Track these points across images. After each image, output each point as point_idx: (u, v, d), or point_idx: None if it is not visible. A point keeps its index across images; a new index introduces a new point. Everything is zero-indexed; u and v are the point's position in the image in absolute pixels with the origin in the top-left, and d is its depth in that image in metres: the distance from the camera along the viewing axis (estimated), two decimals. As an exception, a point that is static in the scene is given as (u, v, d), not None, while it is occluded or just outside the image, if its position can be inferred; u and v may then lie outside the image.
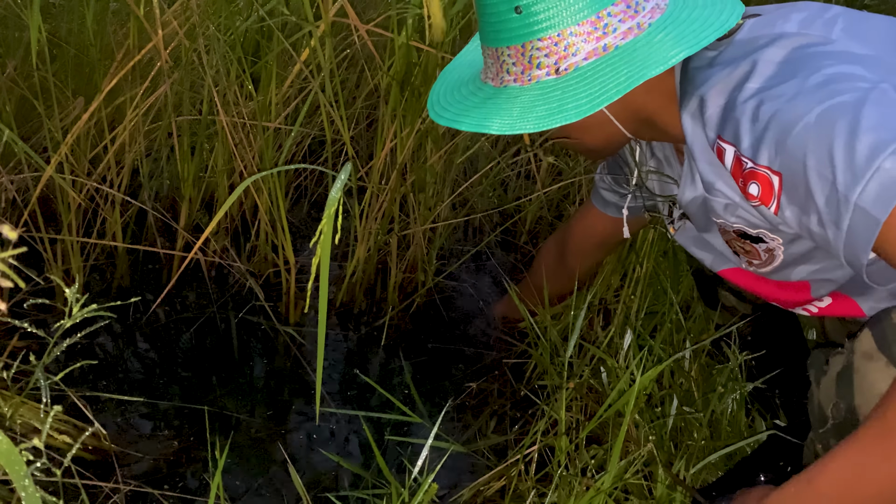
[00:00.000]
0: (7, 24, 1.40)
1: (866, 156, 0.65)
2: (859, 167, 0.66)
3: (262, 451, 1.25)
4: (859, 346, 0.81)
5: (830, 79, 0.72)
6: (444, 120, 0.91)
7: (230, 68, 1.39)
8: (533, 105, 0.84)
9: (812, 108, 0.70)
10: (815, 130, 0.69)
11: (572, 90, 0.82)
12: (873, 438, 0.65)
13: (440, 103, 0.95)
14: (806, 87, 0.73)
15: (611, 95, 0.80)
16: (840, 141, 0.67)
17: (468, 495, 1.15)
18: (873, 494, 0.65)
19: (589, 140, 0.96)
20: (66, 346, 0.96)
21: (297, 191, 1.82)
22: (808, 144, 0.70)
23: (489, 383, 1.44)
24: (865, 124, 0.66)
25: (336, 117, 1.34)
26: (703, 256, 1.07)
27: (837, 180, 0.67)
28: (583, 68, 0.83)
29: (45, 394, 0.95)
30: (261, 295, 1.49)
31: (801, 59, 0.76)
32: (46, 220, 1.34)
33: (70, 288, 0.92)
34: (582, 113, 0.80)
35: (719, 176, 0.87)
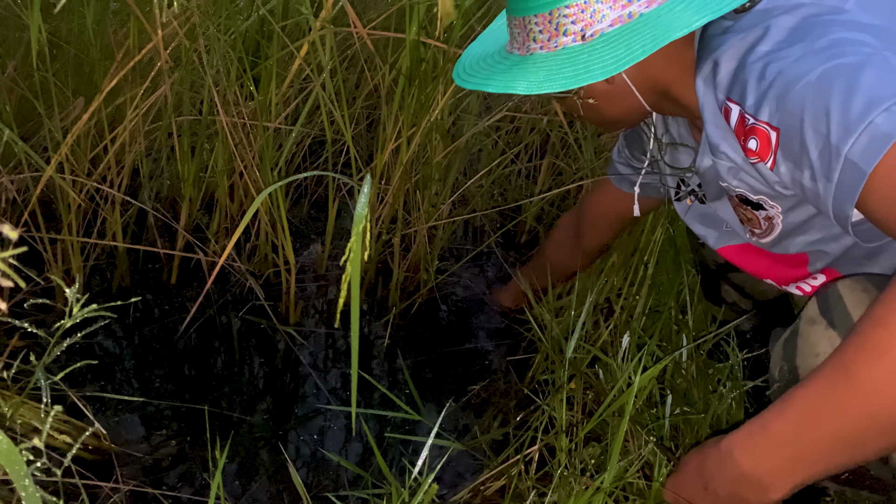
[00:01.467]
0: (7, 24, 1.40)
1: (860, 111, 0.66)
2: (852, 122, 0.67)
3: (262, 451, 1.25)
4: (805, 313, 0.85)
5: (836, 42, 0.74)
6: (471, 84, 0.93)
7: (230, 68, 1.39)
8: (560, 68, 0.86)
9: (815, 68, 0.72)
10: (814, 87, 0.71)
11: (598, 53, 0.84)
12: (827, 380, 0.64)
13: (466, 71, 0.97)
14: (812, 49, 0.75)
15: (636, 56, 0.81)
16: (837, 97, 0.68)
17: (468, 495, 1.15)
18: (827, 435, 0.64)
19: (609, 110, 0.97)
20: (66, 346, 0.96)
21: (297, 191, 1.82)
22: (806, 100, 0.71)
23: (489, 382, 1.44)
24: (863, 83, 0.68)
25: (337, 117, 1.34)
26: (706, 233, 1.09)
27: (831, 134, 0.68)
28: (608, 34, 0.85)
29: (46, 394, 0.95)
30: (261, 295, 1.49)
31: (812, 26, 0.78)
32: (46, 220, 1.34)
33: (70, 288, 0.92)
34: (608, 72, 0.82)
35: (724, 138, 0.88)
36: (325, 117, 1.36)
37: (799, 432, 0.66)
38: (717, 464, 0.74)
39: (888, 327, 0.60)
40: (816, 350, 0.83)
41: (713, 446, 0.76)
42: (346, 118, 1.34)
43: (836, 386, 0.63)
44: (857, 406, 0.62)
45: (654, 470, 1.05)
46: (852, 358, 0.62)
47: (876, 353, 0.60)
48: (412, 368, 1.45)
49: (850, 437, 0.63)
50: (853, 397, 0.61)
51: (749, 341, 1.28)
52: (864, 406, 0.61)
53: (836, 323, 0.82)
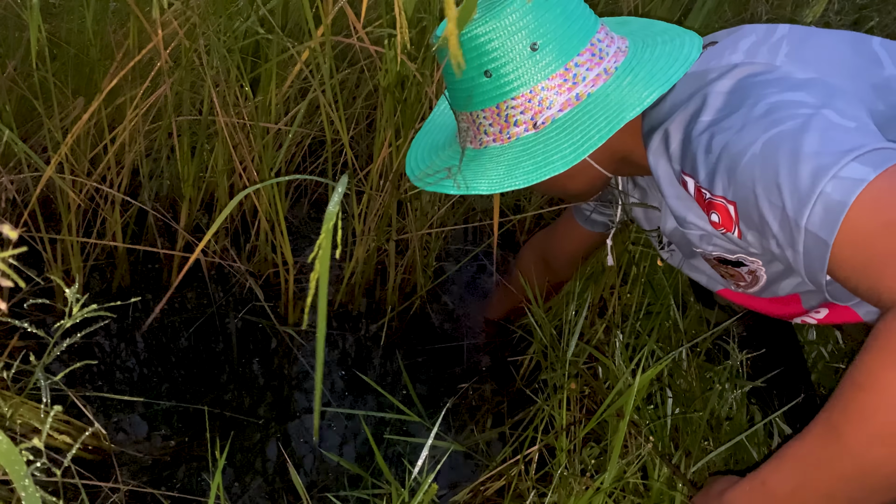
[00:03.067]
0: (7, 24, 1.40)
1: (809, 182, 0.66)
2: (804, 193, 0.66)
3: (262, 451, 1.25)
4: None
5: (774, 107, 0.73)
6: (430, 186, 0.93)
7: (230, 69, 1.39)
8: (518, 162, 0.86)
9: (757, 138, 0.71)
10: (760, 159, 0.71)
11: (554, 142, 0.85)
12: (819, 440, 0.65)
13: (420, 168, 0.97)
14: (751, 117, 0.74)
15: (594, 143, 0.82)
16: (784, 168, 0.68)
17: (468, 495, 1.15)
18: (822, 494, 0.65)
19: (572, 186, 0.97)
20: (66, 346, 0.96)
21: (296, 191, 1.82)
22: (755, 173, 0.71)
23: (488, 382, 1.44)
24: (806, 150, 0.68)
25: (335, 118, 1.34)
26: (697, 278, 1.09)
27: (786, 206, 0.68)
28: (559, 119, 0.86)
29: (45, 394, 0.95)
30: (261, 295, 1.49)
31: (747, 89, 0.78)
32: (46, 220, 1.34)
33: (70, 288, 0.92)
34: (568, 163, 0.82)
35: (689, 209, 0.88)
36: (324, 118, 1.37)
37: (795, 490, 0.67)
38: None
39: (869, 391, 0.60)
40: None
41: (717, 497, 0.77)
42: (343, 120, 1.34)
43: (827, 446, 0.64)
44: (848, 466, 0.62)
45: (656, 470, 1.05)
46: (839, 419, 0.62)
47: (861, 416, 0.60)
48: (410, 369, 1.45)
49: (844, 495, 0.64)
50: (844, 458, 0.62)
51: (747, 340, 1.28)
52: (855, 466, 0.61)
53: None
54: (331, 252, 0.68)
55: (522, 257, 1.51)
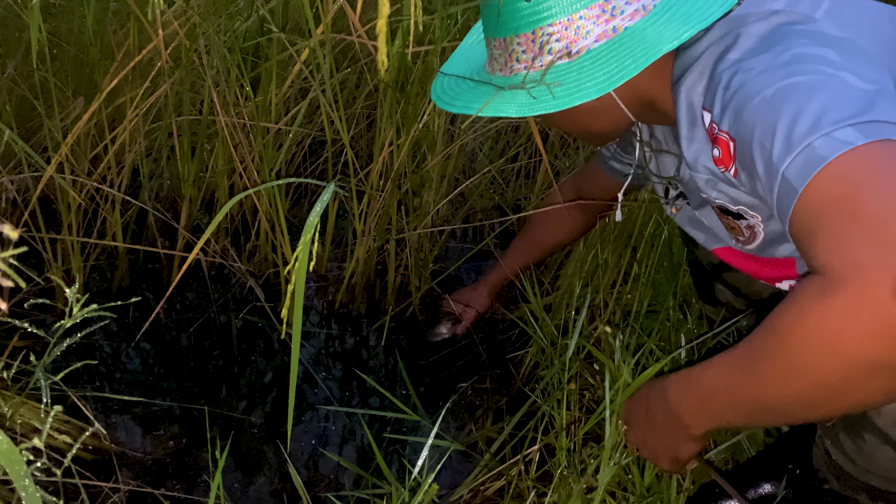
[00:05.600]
0: (7, 24, 1.40)
1: (803, 133, 0.67)
2: (794, 141, 0.68)
3: (262, 451, 1.25)
4: None
5: (798, 58, 0.74)
6: (456, 108, 0.92)
7: (230, 69, 1.39)
8: (551, 87, 0.85)
9: (773, 83, 0.72)
10: (768, 104, 0.72)
11: (588, 70, 0.84)
12: (739, 361, 0.72)
13: (448, 93, 0.96)
14: (775, 63, 0.75)
15: (628, 72, 0.81)
16: (786, 117, 0.69)
17: (468, 495, 1.15)
18: (729, 402, 0.75)
19: (595, 125, 0.97)
20: (66, 346, 0.96)
21: (297, 191, 1.82)
22: (759, 116, 0.72)
23: (487, 381, 1.44)
24: (812, 106, 0.68)
25: (336, 118, 1.35)
26: (696, 235, 1.10)
27: (774, 151, 0.70)
28: (595, 50, 0.85)
29: (46, 394, 0.95)
30: (261, 295, 1.49)
31: (779, 36, 0.78)
32: (47, 220, 1.34)
33: (70, 288, 0.92)
34: (601, 90, 0.82)
35: (702, 151, 0.88)
36: (325, 118, 1.37)
37: (712, 391, 0.77)
38: (657, 396, 0.86)
39: (777, 337, 0.65)
40: None
41: (660, 381, 0.87)
42: (344, 120, 1.34)
43: (743, 369, 0.71)
44: (752, 391, 0.71)
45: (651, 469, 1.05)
46: (755, 352, 0.69)
47: (767, 358, 0.67)
48: (410, 368, 1.45)
49: (744, 408, 0.74)
50: (751, 383, 0.70)
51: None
52: (757, 393, 0.70)
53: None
54: (308, 265, 0.67)
55: (553, 195, 1.49)
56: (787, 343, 0.64)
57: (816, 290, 0.60)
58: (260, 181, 1.42)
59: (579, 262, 1.51)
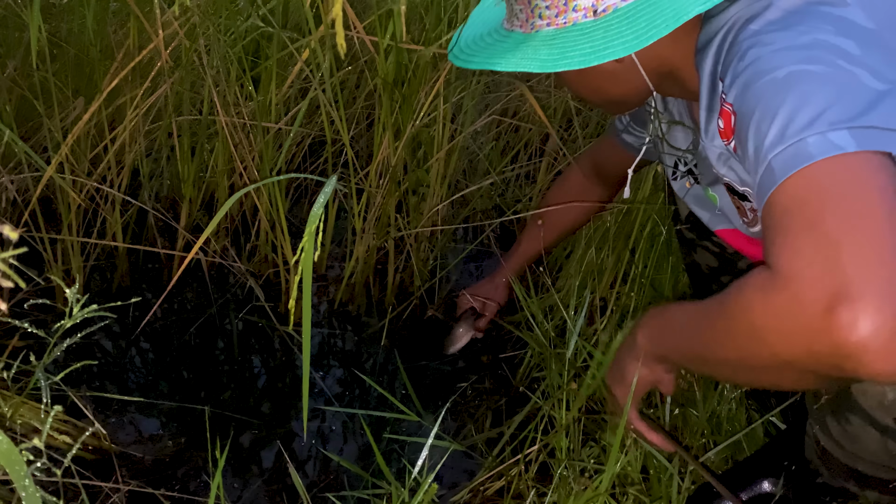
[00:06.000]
0: (7, 24, 1.40)
1: (800, 126, 0.67)
2: (789, 133, 0.68)
3: (262, 451, 1.25)
4: None
5: (817, 44, 0.73)
6: (475, 64, 0.89)
7: (230, 69, 1.39)
8: (575, 44, 0.83)
9: (785, 65, 0.72)
10: (775, 86, 0.71)
11: (616, 28, 0.82)
12: (702, 312, 0.77)
13: (464, 52, 0.93)
14: (794, 43, 0.74)
15: (658, 31, 0.79)
16: (787, 106, 0.69)
17: (468, 495, 1.15)
18: (678, 341, 0.82)
19: (614, 90, 0.95)
20: (66, 346, 0.96)
21: (297, 191, 1.82)
22: (763, 96, 0.72)
23: (487, 381, 1.44)
24: (817, 100, 0.68)
25: (336, 117, 1.35)
26: (701, 214, 1.09)
27: (768, 136, 0.70)
28: (623, 9, 0.83)
29: (46, 394, 0.95)
30: (261, 295, 1.50)
31: (806, 15, 0.76)
32: (47, 221, 1.34)
33: (70, 288, 0.92)
34: (629, 48, 0.80)
35: (715, 121, 0.88)
36: (325, 118, 1.37)
37: (673, 325, 0.84)
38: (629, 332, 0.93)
39: (723, 313, 0.71)
40: None
41: (632, 330, 0.92)
42: (344, 120, 1.34)
43: (696, 322, 0.78)
44: (695, 340, 0.78)
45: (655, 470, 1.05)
46: (708, 315, 0.75)
47: (712, 328, 0.74)
48: (410, 368, 1.45)
49: (687, 352, 0.82)
50: (696, 335, 0.78)
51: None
52: (697, 345, 0.77)
53: None
54: (313, 256, 0.67)
55: (571, 170, 1.45)
56: (728, 318, 0.70)
57: (761, 285, 0.65)
58: (260, 181, 1.42)
59: (579, 262, 1.51)
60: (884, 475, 0.90)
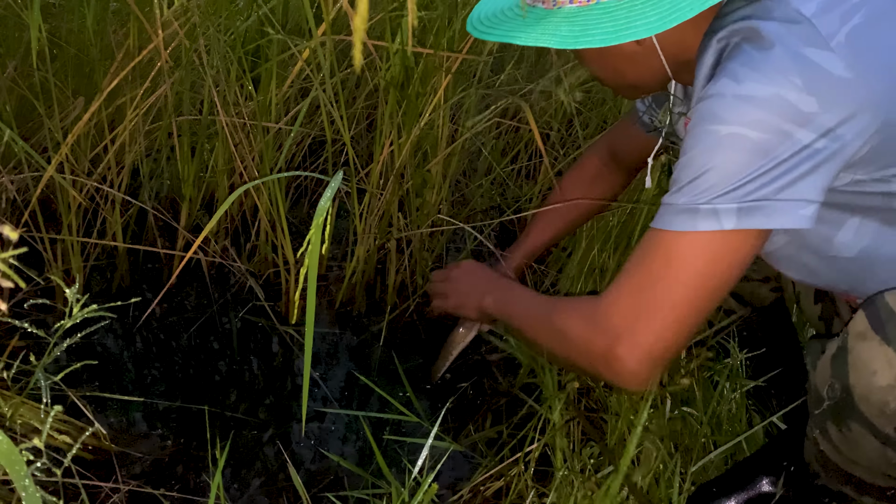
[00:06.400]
0: (7, 24, 1.40)
1: (703, 189, 0.79)
2: (693, 190, 0.79)
3: (262, 451, 1.25)
4: (853, 327, 0.84)
5: (773, 103, 0.76)
6: (494, 36, 0.88)
7: (230, 68, 1.39)
8: (598, 22, 0.82)
9: (731, 124, 0.77)
10: (712, 141, 0.79)
11: (639, 8, 0.81)
12: (545, 313, 0.97)
13: (484, 24, 0.92)
14: (755, 94, 0.77)
15: (683, 13, 0.79)
16: (708, 167, 0.79)
17: (468, 495, 1.15)
18: (512, 320, 1.05)
19: (631, 73, 0.94)
20: (66, 346, 0.96)
21: (297, 191, 1.82)
22: (700, 144, 0.80)
23: (487, 381, 1.44)
24: (732, 171, 0.77)
25: (336, 117, 1.34)
26: None
27: (681, 181, 0.81)
28: None
29: (46, 394, 0.95)
30: (261, 295, 1.49)
31: (780, 57, 0.77)
32: (47, 220, 1.34)
33: (70, 288, 0.92)
34: (652, 29, 0.79)
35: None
36: (325, 118, 1.37)
37: (515, 308, 1.05)
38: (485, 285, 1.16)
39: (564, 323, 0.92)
40: (872, 368, 0.80)
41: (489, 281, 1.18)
42: (345, 119, 1.34)
43: (537, 318, 0.99)
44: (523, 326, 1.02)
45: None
46: (540, 318, 0.98)
47: (554, 329, 0.94)
48: (410, 368, 1.45)
49: (517, 329, 1.05)
50: (525, 323, 1.02)
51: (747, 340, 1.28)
52: (529, 332, 1.01)
53: (892, 339, 0.80)
54: (320, 248, 0.68)
55: (587, 155, 1.42)
56: (550, 325, 0.95)
57: (590, 320, 0.88)
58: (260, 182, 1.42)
59: (580, 263, 1.51)
60: (882, 483, 0.89)
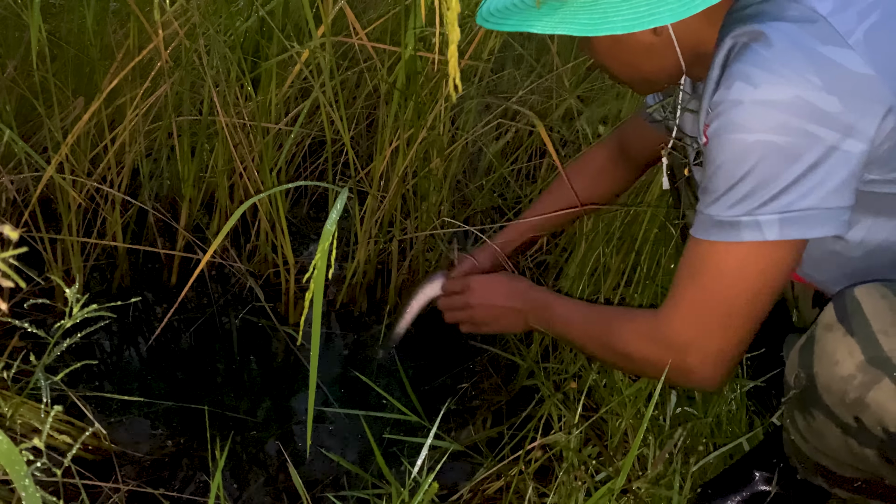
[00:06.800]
0: (7, 24, 1.40)
1: (742, 198, 0.79)
2: (732, 201, 0.80)
3: (262, 451, 1.25)
4: (822, 319, 0.84)
5: (795, 105, 0.76)
6: (508, 26, 0.86)
7: (230, 69, 1.39)
8: (617, 9, 0.80)
9: (756, 131, 0.77)
10: (740, 150, 0.78)
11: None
12: (595, 328, 1.00)
13: (495, 15, 0.89)
14: (774, 98, 0.76)
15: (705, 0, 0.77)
16: (742, 176, 0.78)
17: (468, 495, 1.15)
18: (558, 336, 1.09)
19: (647, 66, 0.92)
20: (66, 346, 0.96)
21: (296, 191, 1.82)
22: (729, 154, 0.79)
23: (487, 382, 1.44)
24: (768, 180, 0.78)
25: (336, 118, 1.34)
26: None
27: (717, 191, 0.81)
28: None
29: (46, 394, 0.95)
30: (261, 295, 1.49)
31: (799, 55, 0.76)
32: (47, 220, 1.34)
33: (70, 288, 0.92)
34: (677, 15, 0.77)
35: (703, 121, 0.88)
36: (325, 118, 1.37)
37: (558, 323, 1.05)
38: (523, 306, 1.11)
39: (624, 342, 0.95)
40: (835, 357, 0.80)
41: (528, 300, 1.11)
42: (345, 120, 1.34)
43: (587, 334, 1.02)
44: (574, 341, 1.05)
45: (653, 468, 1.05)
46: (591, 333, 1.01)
47: (614, 350, 0.97)
48: (410, 369, 1.45)
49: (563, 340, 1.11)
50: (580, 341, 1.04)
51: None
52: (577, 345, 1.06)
53: (855, 330, 0.80)
54: (326, 273, 0.67)
55: (594, 148, 1.37)
56: (608, 346, 0.98)
57: (653, 340, 0.91)
58: (260, 181, 1.42)
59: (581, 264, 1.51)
60: (848, 473, 0.89)
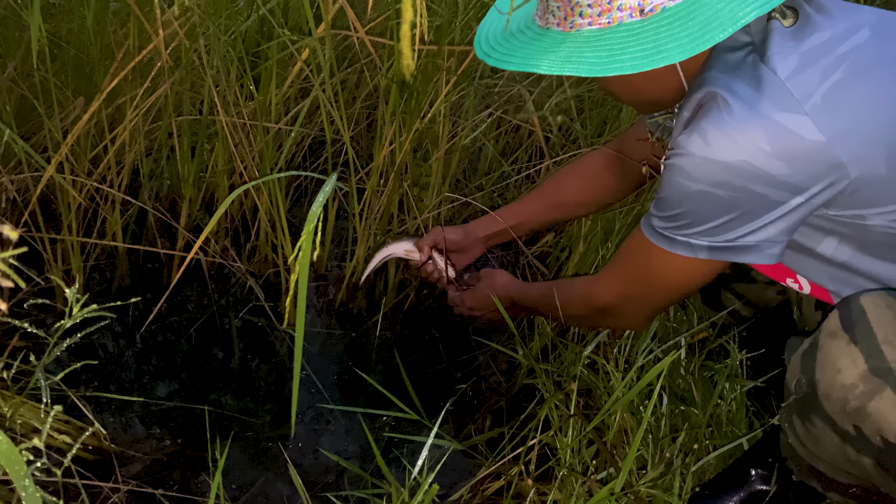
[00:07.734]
0: (7, 24, 1.40)
1: (681, 226, 0.89)
2: (671, 225, 0.91)
3: (262, 451, 1.25)
4: (826, 326, 0.85)
5: (739, 169, 0.81)
6: (513, 65, 0.85)
7: (230, 68, 1.39)
8: (624, 47, 0.79)
9: (700, 183, 0.83)
10: (684, 192, 0.85)
11: (666, 31, 0.79)
12: (547, 296, 1.18)
13: (497, 50, 0.89)
14: (722, 158, 0.81)
15: (714, 36, 0.76)
16: (683, 212, 0.87)
17: (468, 495, 1.15)
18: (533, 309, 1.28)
19: (653, 91, 0.93)
20: (66, 346, 0.96)
21: (297, 191, 1.82)
22: (674, 191, 0.87)
23: (487, 381, 1.44)
24: (704, 220, 0.87)
25: (336, 117, 1.34)
26: None
27: (661, 214, 0.92)
28: (672, 9, 0.79)
29: (46, 394, 0.95)
30: (261, 295, 1.49)
31: (756, 120, 0.79)
32: (47, 220, 1.34)
33: (70, 288, 0.92)
34: (685, 52, 0.77)
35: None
36: (324, 118, 1.36)
37: (532, 299, 1.24)
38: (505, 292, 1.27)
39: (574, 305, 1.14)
40: (838, 366, 0.81)
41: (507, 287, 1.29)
42: (345, 119, 1.34)
43: (553, 305, 1.14)
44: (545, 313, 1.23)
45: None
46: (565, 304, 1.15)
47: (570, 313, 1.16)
48: (410, 368, 1.45)
49: (535, 313, 1.31)
50: (547, 311, 1.19)
51: (747, 340, 1.28)
52: (547, 314, 1.23)
53: (859, 339, 0.80)
54: (311, 255, 0.68)
55: (590, 154, 1.36)
56: (567, 310, 1.14)
57: (584, 300, 1.11)
58: (260, 182, 1.42)
59: (580, 264, 1.51)
60: (843, 479, 0.89)
